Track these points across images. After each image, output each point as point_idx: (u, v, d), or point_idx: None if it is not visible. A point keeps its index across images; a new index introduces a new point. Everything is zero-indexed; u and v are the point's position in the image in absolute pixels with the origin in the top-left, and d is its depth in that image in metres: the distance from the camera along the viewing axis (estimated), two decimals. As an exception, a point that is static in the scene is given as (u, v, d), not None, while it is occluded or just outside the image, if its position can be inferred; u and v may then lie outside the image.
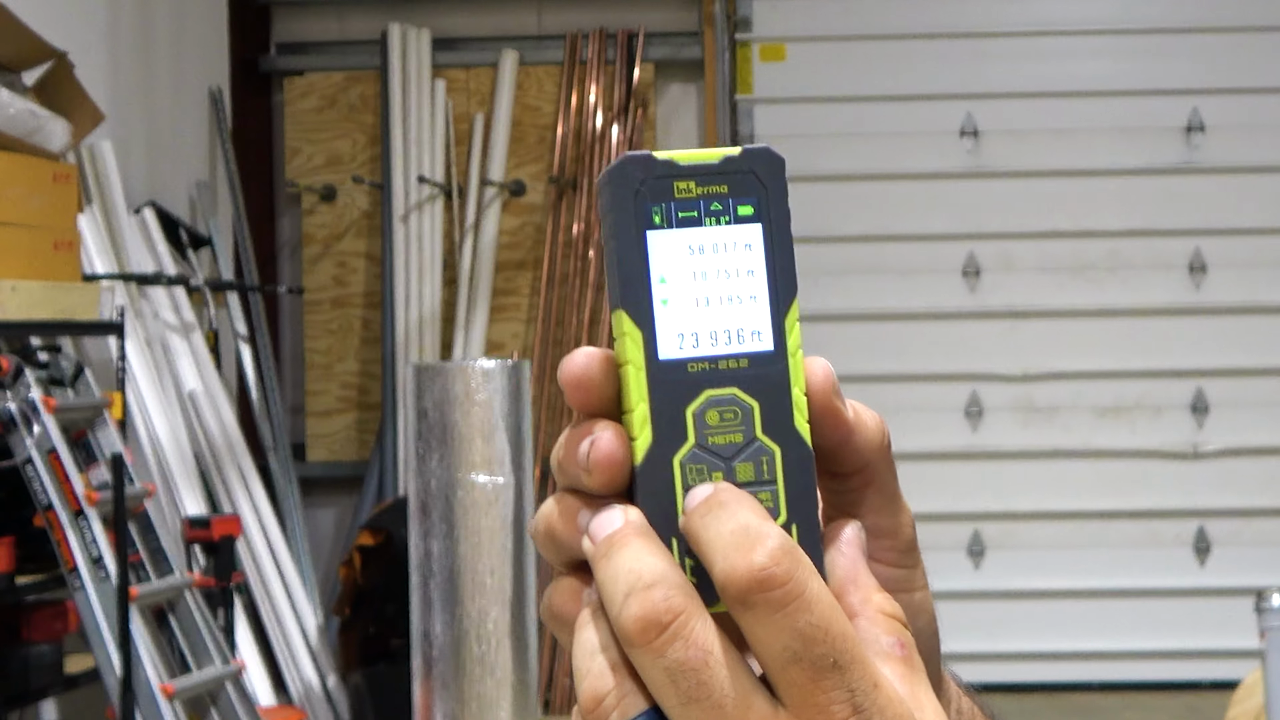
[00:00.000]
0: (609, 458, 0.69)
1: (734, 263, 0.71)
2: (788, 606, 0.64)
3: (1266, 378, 7.92)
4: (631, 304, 0.70)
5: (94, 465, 5.22)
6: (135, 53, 7.12)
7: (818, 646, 0.64)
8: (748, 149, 0.72)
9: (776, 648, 0.65)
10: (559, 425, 7.94)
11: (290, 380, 8.42)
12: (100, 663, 5.03)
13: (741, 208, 0.71)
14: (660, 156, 0.72)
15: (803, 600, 0.65)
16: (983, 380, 8.02)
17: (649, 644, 0.64)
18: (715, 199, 0.71)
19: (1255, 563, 7.81)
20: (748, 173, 0.72)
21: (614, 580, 0.66)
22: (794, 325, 0.72)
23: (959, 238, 8.02)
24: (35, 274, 5.27)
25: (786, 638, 0.64)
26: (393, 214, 8.02)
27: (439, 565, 5.13)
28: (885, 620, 0.69)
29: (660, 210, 0.71)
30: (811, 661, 0.64)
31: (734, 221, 0.71)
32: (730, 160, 0.72)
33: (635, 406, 0.70)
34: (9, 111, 5.26)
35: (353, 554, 6.92)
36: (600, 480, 0.69)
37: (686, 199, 0.71)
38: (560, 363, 0.71)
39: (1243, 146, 7.94)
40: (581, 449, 0.69)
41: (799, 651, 0.64)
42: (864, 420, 0.73)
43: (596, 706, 0.66)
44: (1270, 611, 4.36)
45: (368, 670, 6.89)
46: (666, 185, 0.71)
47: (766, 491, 0.70)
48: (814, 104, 8.09)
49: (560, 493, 0.72)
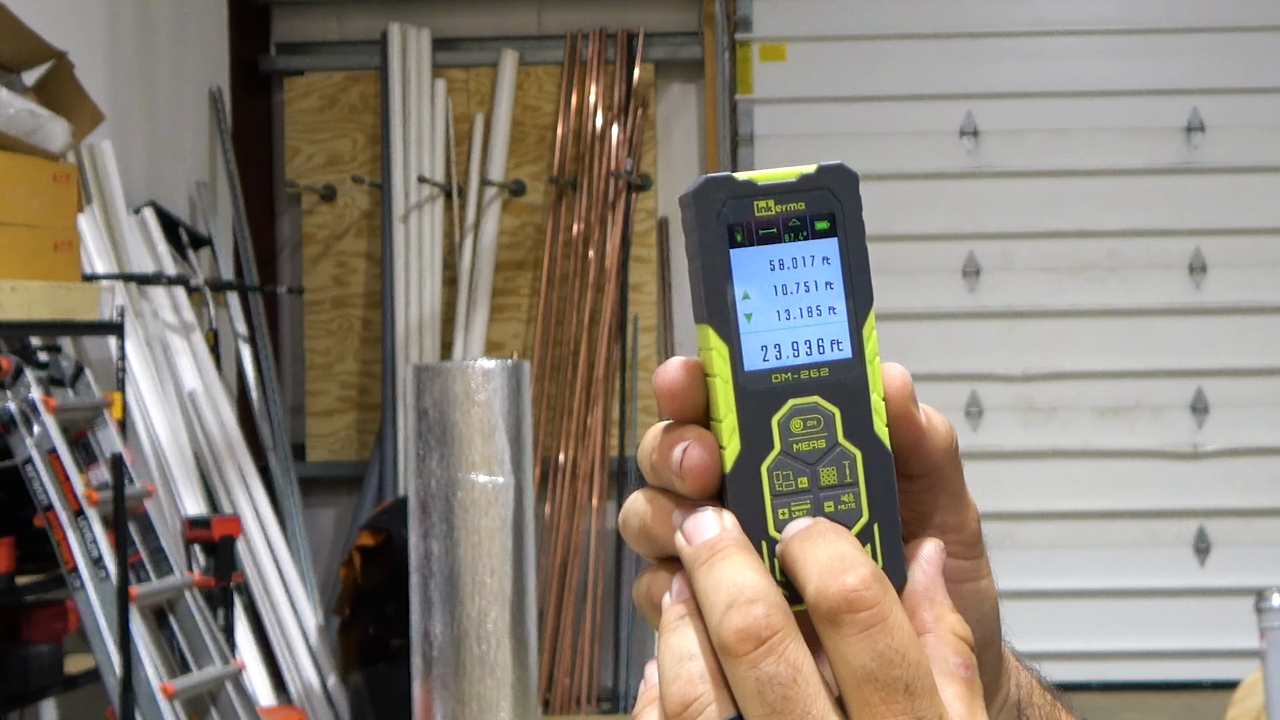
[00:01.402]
0: (701, 465, 0.73)
1: (812, 276, 0.75)
2: (872, 628, 0.69)
3: (1266, 378, 7.92)
4: (717, 319, 0.74)
5: (94, 465, 5.22)
6: (135, 53, 7.12)
7: (894, 669, 0.69)
8: (823, 166, 0.75)
9: (855, 665, 0.69)
10: (559, 425, 7.94)
11: (290, 380, 8.42)
12: (100, 663, 5.03)
13: (818, 223, 0.75)
14: (740, 177, 0.75)
15: (886, 625, 0.69)
16: (983, 380, 8.02)
17: (745, 655, 0.69)
18: (793, 215, 0.75)
19: (1255, 563, 7.81)
20: (823, 189, 0.75)
21: (715, 590, 0.71)
22: (871, 333, 0.76)
23: (959, 238, 8.02)
24: (35, 274, 5.27)
25: (866, 657, 0.69)
26: (393, 214, 8.02)
27: (439, 565, 5.13)
28: (955, 640, 0.73)
29: (741, 228, 0.74)
30: (886, 683, 0.68)
31: (811, 236, 0.75)
32: (807, 178, 0.75)
33: (724, 417, 0.74)
34: (9, 111, 5.26)
35: (353, 554, 6.92)
36: (693, 486, 0.74)
37: (766, 217, 0.75)
38: (656, 371, 0.75)
39: (1243, 146, 7.94)
40: (675, 455, 0.74)
41: (875, 672, 0.68)
42: (935, 424, 0.77)
43: (684, 710, 0.70)
44: (1270, 611, 4.36)
45: (368, 670, 6.89)
46: (747, 204, 0.75)
47: (849, 494, 0.75)
48: (814, 104, 8.09)
49: (651, 492, 0.76)
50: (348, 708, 7.03)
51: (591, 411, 7.94)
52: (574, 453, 7.93)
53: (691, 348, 5.88)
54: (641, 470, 0.77)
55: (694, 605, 0.72)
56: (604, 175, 8.04)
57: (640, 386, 8.14)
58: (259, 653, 6.75)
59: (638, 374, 8.14)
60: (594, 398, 7.95)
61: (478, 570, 5.11)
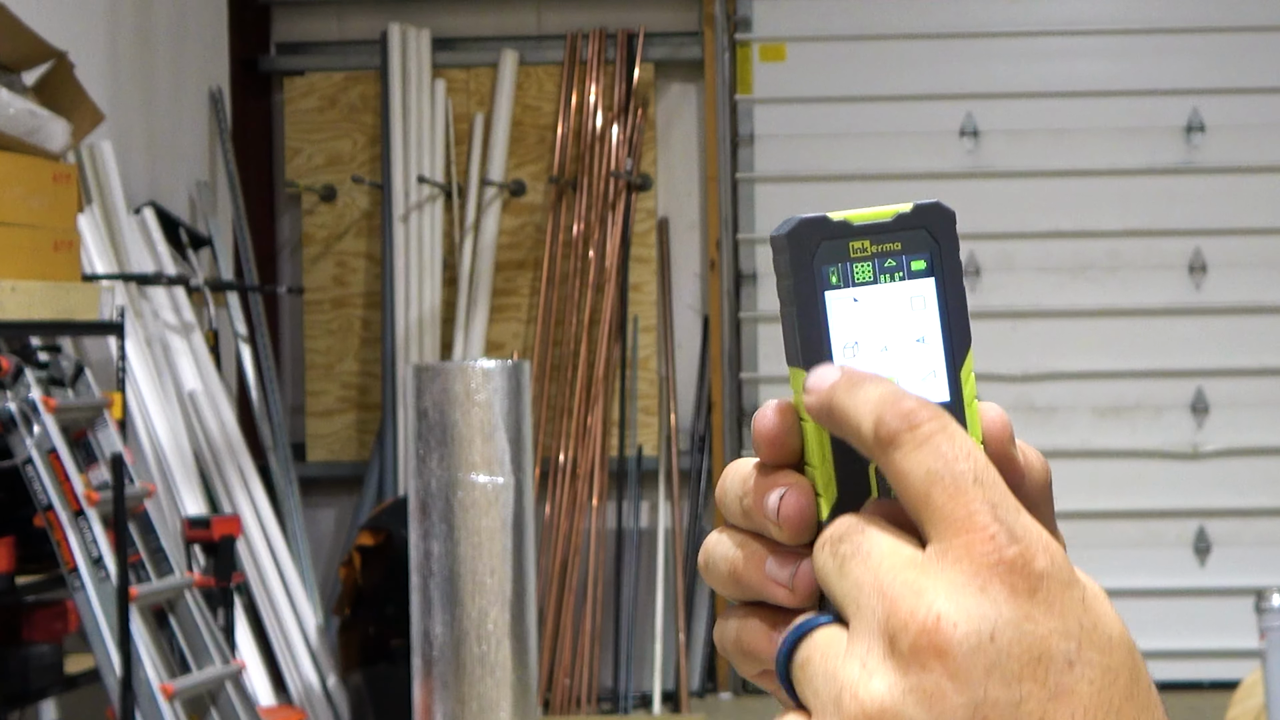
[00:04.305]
0: (799, 515, 0.71)
1: (909, 318, 0.73)
2: (934, 436, 0.67)
3: (1266, 378, 7.92)
4: (813, 364, 0.72)
5: (94, 465, 5.22)
6: (135, 53, 7.12)
7: (959, 463, 0.67)
8: (919, 205, 0.74)
9: (920, 473, 0.67)
10: (559, 425, 7.95)
11: (290, 380, 8.42)
12: (100, 663, 5.03)
13: (915, 263, 0.73)
14: (835, 218, 0.73)
15: (948, 432, 0.68)
16: (983, 380, 7.96)
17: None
18: (889, 256, 0.73)
19: (1255, 563, 7.81)
20: (919, 229, 0.73)
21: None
22: (969, 375, 0.74)
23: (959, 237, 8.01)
24: (35, 274, 5.27)
25: (930, 460, 0.67)
26: (393, 214, 8.02)
27: (439, 565, 5.13)
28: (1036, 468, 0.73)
29: (837, 270, 0.73)
30: (953, 477, 0.67)
31: (908, 277, 0.73)
32: (903, 217, 0.73)
33: (819, 464, 0.72)
34: (9, 111, 5.26)
35: (353, 554, 6.92)
36: (790, 535, 0.72)
37: (862, 258, 0.73)
38: (754, 416, 0.74)
39: (1243, 146, 7.94)
40: (770, 502, 0.72)
41: (940, 470, 0.67)
42: (1032, 462, 0.75)
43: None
44: (1270, 611, 4.36)
45: (368, 670, 6.89)
46: (842, 246, 0.73)
47: None
48: (814, 104, 8.09)
49: (741, 536, 0.74)
50: (348, 708, 7.03)
51: (591, 411, 7.94)
52: (574, 453, 7.93)
53: (690, 346, 5.94)
54: (724, 511, 0.75)
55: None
56: (604, 175, 8.04)
57: (640, 386, 8.14)
58: (259, 653, 6.75)
59: (638, 374, 8.14)
60: (594, 398, 7.95)
61: (478, 570, 5.11)
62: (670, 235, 8.24)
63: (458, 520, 5.12)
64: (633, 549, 7.95)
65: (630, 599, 7.90)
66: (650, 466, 8.06)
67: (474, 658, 5.10)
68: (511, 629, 5.14)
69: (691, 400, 8.19)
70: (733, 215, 8.11)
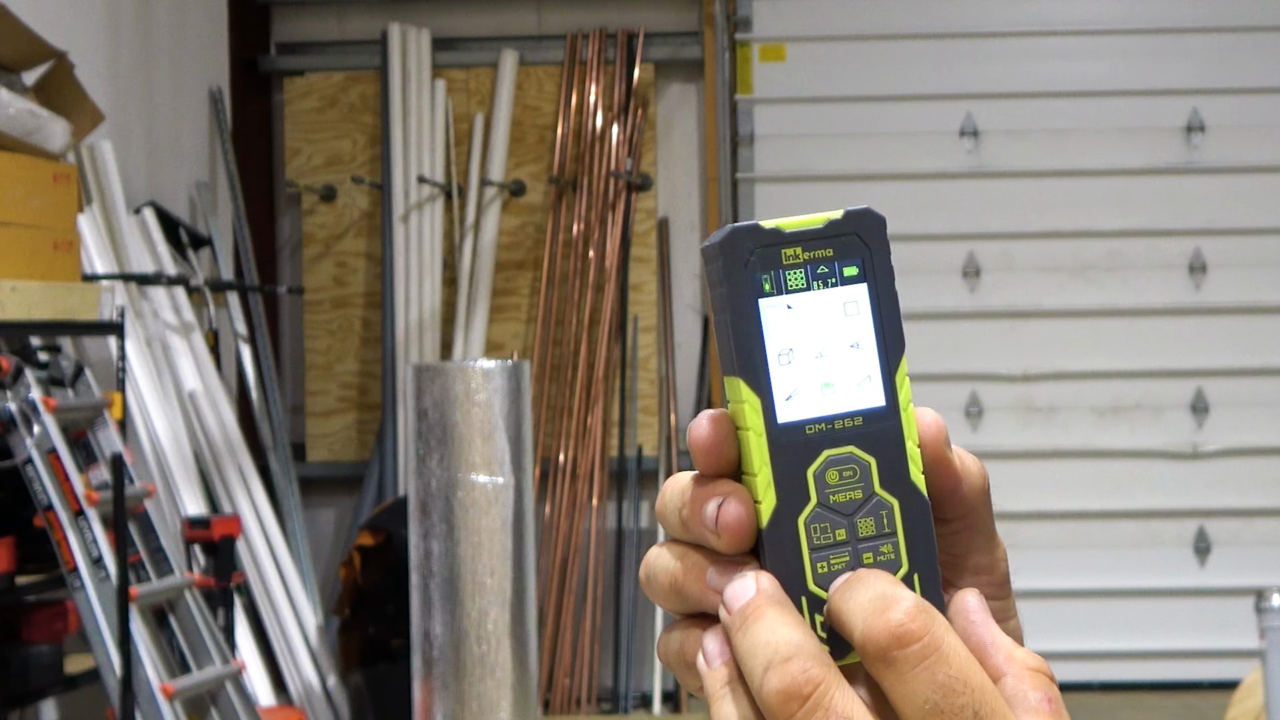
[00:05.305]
0: (738, 522, 0.71)
1: (843, 324, 0.74)
2: (927, 659, 0.67)
3: (1266, 378, 7.92)
4: (748, 372, 0.72)
5: (94, 465, 5.22)
6: (135, 53, 7.12)
7: (958, 697, 0.66)
8: (849, 211, 0.74)
9: (918, 701, 0.67)
10: (559, 425, 7.95)
11: (290, 380, 8.42)
12: (100, 663, 5.03)
13: (847, 269, 0.74)
14: (767, 226, 0.73)
15: (940, 654, 0.67)
16: (983, 380, 8.03)
17: (791, 715, 0.67)
18: (821, 262, 0.74)
19: (1255, 563, 7.81)
20: (851, 234, 0.74)
21: (752, 654, 0.69)
22: (904, 380, 0.75)
23: (959, 238, 8.02)
24: (35, 274, 5.27)
25: (927, 690, 0.66)
26: (393, 214, 8.02)
27: (439, 565, 5.13)
28: (1032, 675, 0.71)
29: (770, 278, 0.73)
30: (953, 713, 0.66)
31: (841, 283, 0.74)
32: (834, 224, 0.74)
33: (758, 471, 0.72)
34: (9, 111, 5.25)
35: (353, 554, 6.92)
36: (729, 543, 0.72)
37: (794, 264, 0.73)
38: (688, 427, 0.73)
39: (1243, 146, 7.94)
40: (708, 511, 0.72)
41: (939, 703, 0.66)
42: (969, 467, 0.76)
43: None
44: (1270, 611, 4.36)
45: (368, 670, 6.89)
46: (774, 253, 0.73)
47: (888, 544, 0.73)
48: (814, 104, 8.09)
49: (681, 548, 0.74)
50: (348, 708, 7.03)
51: (591, 411, 7.94)
52: (574, 453, 7.93)
53: (690, 346, 5.94)
54: (664, 524, 0.75)
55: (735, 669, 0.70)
56: (604, 175, 8.04)
57: (640, 386, 8.14)
58: (259, 653, 6.75)
59: (638, 374, 8.14)
60: (594, 398, 7.95)
61: (478, 570, 5.11)
62: (670, 235, 8.24)
63: (458, 520, 5.12)
64: (633, 549, 7.95)
65: (630, 599, 7.90)
66: (650, 466, 8.06)
67: (474, 658, 5.10)
68: (511, 629, 5.14)
69: (691, 400, 8.19)
70: (733, 215, 8.11)
